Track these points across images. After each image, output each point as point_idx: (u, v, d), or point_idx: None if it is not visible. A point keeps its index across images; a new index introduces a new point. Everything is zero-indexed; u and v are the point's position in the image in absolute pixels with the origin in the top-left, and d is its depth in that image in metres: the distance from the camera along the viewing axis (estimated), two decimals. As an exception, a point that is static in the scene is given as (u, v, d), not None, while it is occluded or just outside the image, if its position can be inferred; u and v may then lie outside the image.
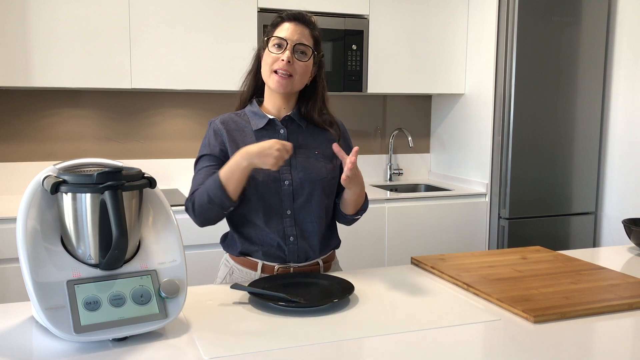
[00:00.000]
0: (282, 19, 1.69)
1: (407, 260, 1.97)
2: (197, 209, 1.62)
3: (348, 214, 1.77)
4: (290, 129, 1.73)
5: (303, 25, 1.68)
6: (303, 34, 1.67)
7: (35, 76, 2.78)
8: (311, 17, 1.71)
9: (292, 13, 1.69)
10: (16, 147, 3.12)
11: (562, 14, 3.29)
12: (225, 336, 1.27)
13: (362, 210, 1.78)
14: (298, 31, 1.66)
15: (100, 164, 1.34)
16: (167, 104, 3.37)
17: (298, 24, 1.67)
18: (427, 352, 1.21)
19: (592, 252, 2.10)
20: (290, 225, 1.69)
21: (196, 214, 1.64)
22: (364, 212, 1.80)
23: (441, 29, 3.52)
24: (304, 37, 1.66)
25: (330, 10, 3.25)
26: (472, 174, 3.57)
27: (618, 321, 1.40)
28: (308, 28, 1.68)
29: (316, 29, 1.71)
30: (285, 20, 1.68)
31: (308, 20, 1.70)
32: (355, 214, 1.77)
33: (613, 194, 3.47)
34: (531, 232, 3.37)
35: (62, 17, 2.79)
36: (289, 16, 1.68)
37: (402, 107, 3.92)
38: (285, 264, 1.72)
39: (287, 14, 1.69)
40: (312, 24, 1.70)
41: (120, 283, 1.25)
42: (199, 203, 1.61)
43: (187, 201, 1.66)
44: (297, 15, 1.69)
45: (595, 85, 3.43)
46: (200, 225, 1.68)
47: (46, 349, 1.20)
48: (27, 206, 1.24)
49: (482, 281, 1.63)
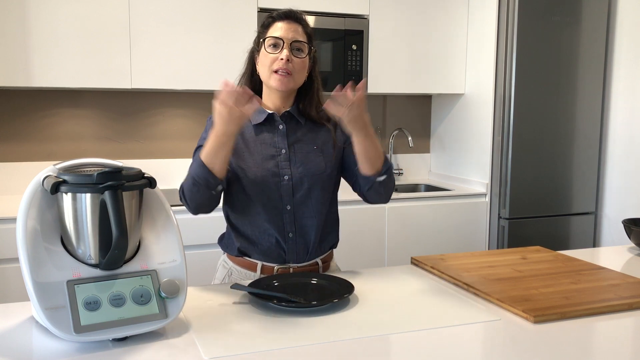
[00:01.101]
0: (274, 18, 1.69)
1: (407, 260, 1.97)
2: (187, 194, 1.61)
3: (367, 174, 1.65)
4: (290, 124, 1.74)
5: (296, 23, 1.68)
6: (297, 31, 1.67)
7: (35, 76, 2.78)
8: (301, 13, 1.71)
9: (283, 11, 1.69)
10: (16, 147, 3.12)
11: (562, 14, 3.29)
12: (225, 336, 1.27)
13: (384, 168, 1.65)
14: (292, 29, 1.66)
15: (100, 164, 1.34)
16: (167, 104, 3.37)
17: (291, 22, 1.67)
18: (427, 352, 1.21)
19: (592, 252, 2.10)
20: (289, 220, 1.70)
21: (187, 199, 1.62)
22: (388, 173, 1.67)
23: (441, 29, 3.52)
24: (298, 34, 1.67)
25: (330, 10, 3.25)
26: (472, 174, 3.57)
27: (618, 321, 1.40)
28: (300, 25, 1.69)
29: (307, 25, 1.71)
30: (277, 20, 1.68)
31: (299, 17, 1.70)
32: (377, 173, 1.65)
33: (613, 194, 3.47)
34: (531, 232, 3.37)
35: (62, 17, 2.79)
36: (280, 15, 1.68)
37: (402, 107, 3.92)
38: (285, 264, 1.72)
39: (278, 13, 1.69)
40: (304, 20, 1.71)
41: (120, 283, 1.25)
42: (187, 188, 1.60)
43: (179, 190, 1.65)
44: (288, 13, 1.68)
45: (595, 85, 3.43)
46: (194, 213, 1.64)
47: (46, 349, 1.20)
48: (27, 206, 1.24)
49: (482, 281, 1.63)
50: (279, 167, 1.68)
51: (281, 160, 1.69)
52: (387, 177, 1.68)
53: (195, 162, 1.57)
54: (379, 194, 1.71)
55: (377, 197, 1.73)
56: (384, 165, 1.66)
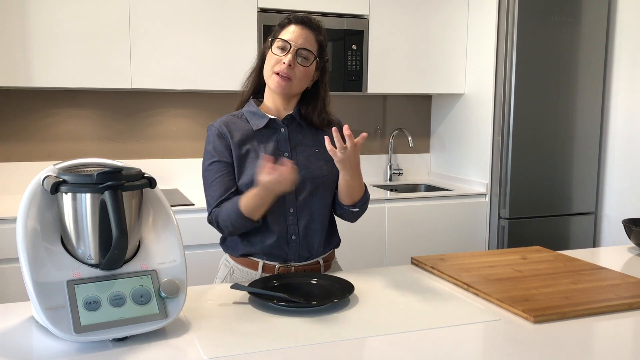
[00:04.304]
0: (290, 20, 1.69)
1: (407, 260, 1.97)
2: (224, 229, 1.68)
3: (343, 204, 1.74)
4: (291, 127, 1.74)
5: (309, 30, 1.67)
6: (307, 38, 1.66)
7: (35, 76, 2.78)
8: (319, 22, 1.71)
9: (300, 16, 1.69)
10: (16, 147, 3.12)
11: (562, 14, 3.29)
12: (225, 336, 1.27)
13: (360, 203, 1.73)
14: (303, 35, 1.66)
15: (100, 164, 1.34)
16: (167, 104, 3.37)
17: (304, 28, 1.67)
18: (427, 352, 1.21)
19: (592, 252, 2.10)
20: (292, 223, 1.70)
21: (223, 231, 1.70)
22: (362, 207, 1.75)
23: (441, 29, 3.52)
24: (307, 42, 1.66)
25: (330, 10, 3.25)
26: (472, 174, 3.57)
27: (618, 321, 1.40)
28: (313, 33, 1.68)
29: (322, 33, 1.71)
30: (292, 23, 1.68)
31: (315, 24, 1.69)
32: (352, 205, 1.73)
33: (613, 194, 3.47)
34: (531, 232, 3.37)
35: (62, 17, 2.79)
36: (296, 19, 1.68)
37: (402, 107, 3.92)
38: (287, 263, 1.72)
39: (295, 17, 1.69)
40: (319, 28, 1.70)
41: (120, 283, 1.25)
42: (225, 227, 1.66)
43: (210, 217, 1.69)
44: (304, 19, 1.68)
45: (595, 85, 3.43)
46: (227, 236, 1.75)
47: (46, 349, 1.20)
48: (27, 206, 1.24)
49: (482, 281, 1.63)
50: None
51: None
52: (360, 207, 1.75)
53: (234, 213, 1.61)
54: (348, 219, 1.80)
55: (345, 218, 1.82)
56: (361, 199, 1.73)
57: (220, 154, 1.69)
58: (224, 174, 1.68)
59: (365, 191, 1.75)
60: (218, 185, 1.67)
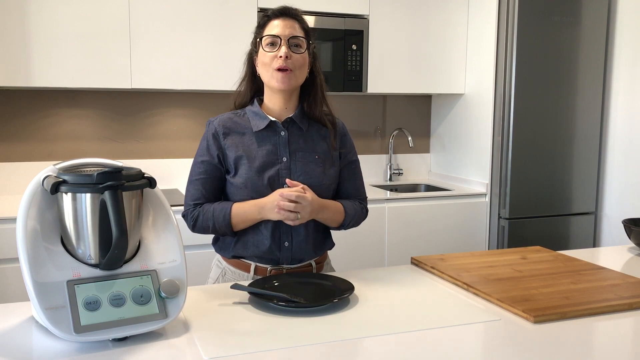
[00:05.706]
0: (269, 17, 1.68)
1: (407, 260, 1.97)
2: (198, 227, 1.70)
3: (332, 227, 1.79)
4: (291, 131, 1.72)
5: (292, 19, 1.67)
6: (293, 27, 1.66)
7: (35, 76, 2.78)
8: (297, 9, 1.70)
9: (278, 9, 1.68)
10: (16, 147, 3.12)
11: (562, 14, 3.29)
12: (225, 336, 1.27)
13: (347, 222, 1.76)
14: (288, 25, 1.65)
15: (100, 164, 1.34)
16: (167, 104, 3.37)
17: (287, 19, 1.66)
18: (427, 352, 1.21)
19: (592, 252, 2.10)
20: (286, 231, 1.69)
21: (195, 229, 1.70)
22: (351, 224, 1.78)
23: (441, 29, 3.52)
24: (295, 30, 1.65)
25: (330, 10, 3.25)
26: (472, 174, 3.57)
27: (618, 321, 1.40)
28: (297, 21, 1.67)
29: (303, 20, 1.70)
30: (273, 18, 1.67)
31: (295, 13, 1.69)
32: (338, 228, 1.78)
33: (613, 194, 3.47)
34: (531, 232, 3.37)
35: (62, 17, 2.79)
36: (275, 13, 1.67)
37: (402, 107, 3.92)
38: (278, 266, 1.72)
39: (273, 11, 1.68)
40: (299, 16, 1.70)
41: (120, 283, 1.25)
42: (201, 225, 1.68)
43: (187, 214, 1.71)
44: (283, 10, 1.67)
45: (595, 85, 3.43)
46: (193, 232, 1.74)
47: (46, 349, 1.20)
48: (27, 206, 1.23)
49: (482, 281, 1.63)
50: (279, 175, 1.67)
51: (282, 169, 1.68)
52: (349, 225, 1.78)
53: (222, 219, 1.65)
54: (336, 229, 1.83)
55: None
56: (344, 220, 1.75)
57: (211, 154, 1.69)
58: (208, 176, 1.70)
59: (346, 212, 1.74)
60: (199, 185, 1.70)
